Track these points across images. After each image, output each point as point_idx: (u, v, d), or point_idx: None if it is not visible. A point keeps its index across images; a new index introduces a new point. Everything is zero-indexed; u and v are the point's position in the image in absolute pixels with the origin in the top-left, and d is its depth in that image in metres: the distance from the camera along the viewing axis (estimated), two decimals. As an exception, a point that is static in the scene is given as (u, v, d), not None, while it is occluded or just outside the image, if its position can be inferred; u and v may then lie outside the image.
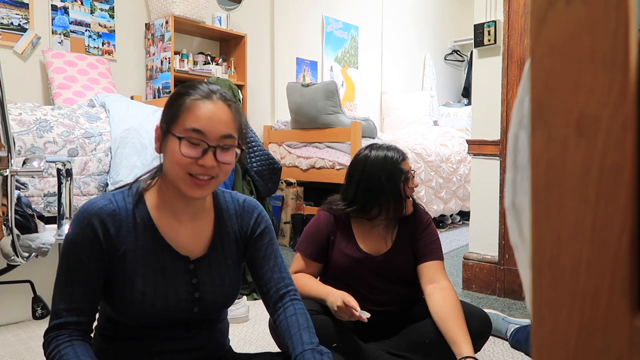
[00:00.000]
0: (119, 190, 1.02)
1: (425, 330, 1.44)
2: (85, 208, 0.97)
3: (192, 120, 0.93)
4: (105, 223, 0.96)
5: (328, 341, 1.34)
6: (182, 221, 1.02)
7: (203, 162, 0.92)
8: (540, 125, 0.31)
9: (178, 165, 0.92)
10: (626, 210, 0.29)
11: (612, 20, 0.29)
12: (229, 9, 4.22)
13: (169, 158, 0.94)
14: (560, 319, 0.31)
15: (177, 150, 0.92)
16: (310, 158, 3.78)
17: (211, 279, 1.04)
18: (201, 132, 0.92)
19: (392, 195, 1.49)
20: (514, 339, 1.83)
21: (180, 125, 0.93)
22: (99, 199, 0.99)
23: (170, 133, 0.93)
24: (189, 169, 0.93)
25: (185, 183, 0.94)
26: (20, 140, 1.95)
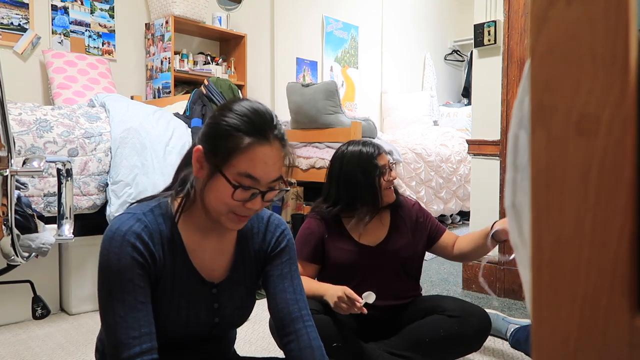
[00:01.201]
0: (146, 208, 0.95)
1: (426, 329, 1.44)
2: (122, 229, 0.89)
3: (248, 166, 0.87)
4: (146, 242, 0.90)
5: (328, 340, 1.34)
6: (209, 241, 0.99)
7: (251, 205, 0.90)
8: (540, 125, 0.31)
9: (224, 205, 0.89)
10: (626, 210, 0.29)
11: (612, 20, 0.29)
12: (229, 9, 4.22)
13: (214, 195, 0.89)
14: (560, 319, 0.31)
15: (228, 194, 0.87)
16: (310, 158, 3.78)
17: (231, 302, 1.02)
18: (256, 180, 0.88)
19: (369, 188, 1.53)
20: (514, 339, 1.83)
21: (234, 167, 0.87)
22: (130, 219, 0.91)
23: (221, 173, 0.87)
24: (235, 209, 0.90)
25: (228, 218, 0.91)
26: (20, 140, 1.95)
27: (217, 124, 0.91)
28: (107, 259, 0.88)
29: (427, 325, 1.45)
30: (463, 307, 1.49)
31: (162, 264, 0.92)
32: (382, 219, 1.60)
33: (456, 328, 1.43)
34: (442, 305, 1.50)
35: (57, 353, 1.77)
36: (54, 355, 1.76)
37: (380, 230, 1.59)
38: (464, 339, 1.44)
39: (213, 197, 0.90)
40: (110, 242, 0.88)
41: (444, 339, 1.42)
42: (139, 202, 0.99)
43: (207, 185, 0.89)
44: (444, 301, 1.53)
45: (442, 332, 1.43)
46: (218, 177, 0.88)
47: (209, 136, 0.91)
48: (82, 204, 2.10)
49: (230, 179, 0.87)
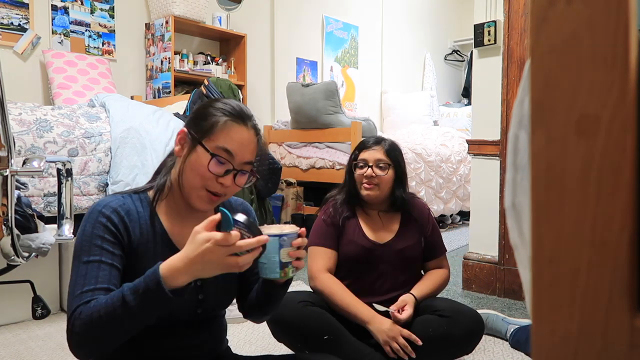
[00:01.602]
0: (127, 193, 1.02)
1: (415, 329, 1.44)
2: (102, 204, 0.96)
3: (226, 140, 0.96)
4: (122, 217, 0.96)
5: (320, 333, 1.34)
6: (187, 224, 1.02)
7: (223, 180, 0.96)
8: (540, 125, 0.31)
9: (199, 177, 0.96)
10: (626, 210, 0.29)
11: (612, 20, 0.29)
12: (229, 9, 4.22)
13: (191, 167, 0.96)
14: (560, 319, 0.31)
15: (204, 164, 0.95)
16: (310, 158, 3.78)
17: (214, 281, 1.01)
18: (230, 154, 0.96)
19: (347, 174, 1.61)
20: (514, 339, 1.83)
21: (213, 141, 0.96)
22: (112, 198, 0.98)
23: (201, 145, 0.96)
24: (208, 184, 0.96)
25: (199, 196, 0.97)
26: (20, 140, 1.95)
27: (202, 108, 1.01)
28: (83, 227, 0.94)
29: (417, 324, 1.44)
30: (455, 307, 1.48)
31: (139, 242, 0.97)
32: (392, 218, 1.62)
33: (445, 328, 1.42)
34: (434, 305, 1.50)
35: (57, 353, 1.77)
36: (54, 355, 1.76)
37: (390, 228, 1.61)
38: (453, 339, 1.43)
39: (189, 170, 0.97)
40: (89, 214, 0.95)
41: (432, 339, 1.41)
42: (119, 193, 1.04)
43: (187, 160, 0.97)
44: (437, 301, 1.53)
45: (431, 331, 1.42)
46: (197, 150, 0.96)
47: (193, 119, 1.01)
48: (82, 204, 2.10)
49: (208, 148, 0.95)
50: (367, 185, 1.55)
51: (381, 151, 1.57)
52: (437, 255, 1.65)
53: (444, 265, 1.66)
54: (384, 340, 1.39)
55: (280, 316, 1.42)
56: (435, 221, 1.71)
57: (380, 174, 1.55)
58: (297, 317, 1.40)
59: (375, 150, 1.57)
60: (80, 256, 0.91)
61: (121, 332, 0.86)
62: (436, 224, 1.69)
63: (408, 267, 1.59)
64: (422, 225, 1.64)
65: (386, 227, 1.61)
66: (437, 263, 1.65)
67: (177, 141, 1.00)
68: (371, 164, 1.55)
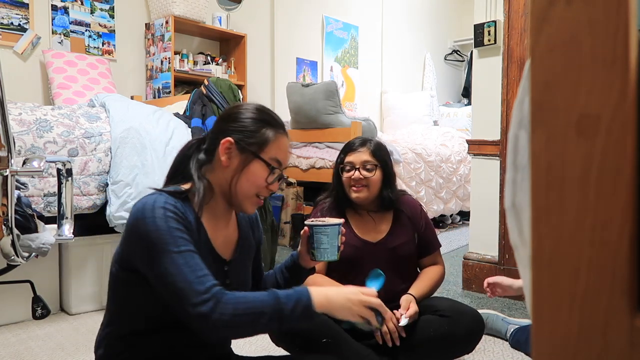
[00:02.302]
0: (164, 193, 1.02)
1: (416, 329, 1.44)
2: (159, 201, 0.96)
3: (277, 152, 1.06)
4: (183, 212, 0.99)
5: (319, 336, 1.34)
6: (220, 227, 1.10)
7: (273, 187, 1.07)
8: (540, 125, 0.31)
9: (254, 187, 1.05)
10: (626, 210, 0.29)
11: (612, 20, 0.29)
12: (229, 9, 4.22)
13: (248, 178, 1.04)
14: (560, 319, 0.31)
15: (263, 177, 1.05)
16: (310, 158, 3.78)
17: (238, 279, 1.13)
18: (280, 163, 1.07)
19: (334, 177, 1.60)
20: (514, 339, 1.83)
21: (266, 153, 1.05)
22: (161, 195, 0.99)
23: (258, 157, 1.04)
24: (261, 191, 1.06)
25: (252, 202, 1.07)
26: (20, 140, 1.95)
27: (243, 119, 1.07)
28: (154, 223, 0.94)
29: (417, 324, 1.44)
30: (455, 307, 1.48)
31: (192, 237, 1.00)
32: (384, 216, 1.62)
33: (446, 328, 1.42)
34: (435, 305, 1.49)
35: (57, 353, 1.77)
36: (54, 355, 1.76)
37: (382, 227, 1.61)
38: (453, 339, 1.43)
39: (245, 181, 1.04)
40: (152, 210, 0.95)
41: (433, 339, 1.41)
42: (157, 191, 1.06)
43: (243, 171, 1.04)
44: (437, 301, 1.53)
45: (431, 331, 1.42)
46: (254, 162, 1.04)
47: (239, 130, 1.06)
48: (82, 204, 2.10)
49: (267, 161, 1.05)
50: (356, 188, 1.55)
51: (367, 152, 1.55)
52: (431, 252, 1.65)
53: (438, 261, 1.66)
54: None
55: None
56: (428, 217, 1.71)
57: (368, 176, 1.54)
58: None
59: (361, 152, 1.55)
60: (168, 249, 0.92)
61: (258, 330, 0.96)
62: (429, 220, 1.69)
63: (403, 265, 1.59)
64: (415, 222, 1.63)
65: (378, 226, 1.61)
66: (431, 259, 1.65)
67: (223, 151, 1.03)
68: (358, 166, 1.54)
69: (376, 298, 1.00)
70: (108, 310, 1.08)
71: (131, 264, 0.98)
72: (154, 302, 0.98)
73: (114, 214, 2.07)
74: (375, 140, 1.61)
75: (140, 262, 0.96)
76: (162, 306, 0.96)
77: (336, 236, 1.16)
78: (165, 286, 0.92)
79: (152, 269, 0.93)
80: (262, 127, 1.06)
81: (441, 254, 1.70)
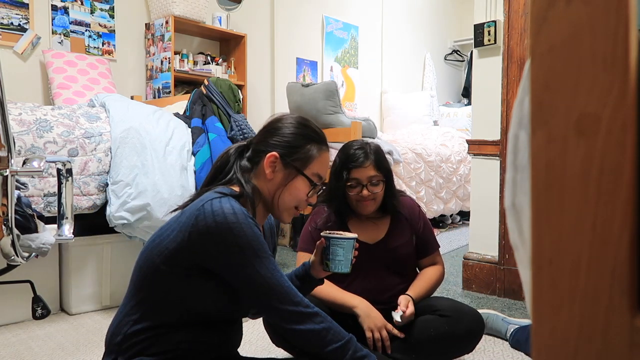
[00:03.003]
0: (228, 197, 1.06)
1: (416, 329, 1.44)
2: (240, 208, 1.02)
3: (320, 168, 1.12)
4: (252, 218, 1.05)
5: None
6: None
7: (312, 200, 1.13)
8: (540, 125, 0.31)
9: (296, 200, 1.11)
10: (626, 210, 0.29)
11: (612, 20, 0.29)
12: (229, 9, 4.22)
13: (291, 193, 1.10)
14: (560, 319, 0.31)
15: (305, 192, 1.11)
16: (310, 158, 3.77)
17: None
18: (321, 178, 1.13)
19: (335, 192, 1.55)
20: (514, 339, 1.83)
21: (310, 169, 1.11)
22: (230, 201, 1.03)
23: (304, 175, 1.10)
24: (300, 204, 1.12)
25: (290, 213, 1.13)
26: (20, 140, 1.95)
27: (287, 134, 1.12)
28: (241, 228, 1.00)
29: (417, 324, 1.44)
30: (455, 307, 1.48)
31: None
32: (382, 217, 1.61)
33: (446, 328, 1.42)
34: (434, 304, 1.49)
35: (57, 353, 1.77)
36: (54, 355, 1.76)
37: (380, 228, 1.59)
38: (454, 339, 1.43)
39: (288, 194, 1.10)
40: (236, 216, 1.00)
41: (433, 339, 1.41)
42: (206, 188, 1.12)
43: (287, 186, 1.10)
44: (437, 301, 1.53)
45: (432, 331, 1.42)
46: (297, 179, 1.10)
47: (283, 146, 1.11)
48: (82, 204, 2.10)
49: (310, 177, 1.10)
50: (365, 203, 1.52)
51: (372, 167, 1.51)
52: (430, 252, 1.64)
53: (437, 261, 1.65)
54: (368, 327, 1.41)
55: None
56: (427, 217, 1.69)
57: (376, 191, 1.52)
58: None
59: (366, 168, 1.51)
60: (260, 253, 1.01)
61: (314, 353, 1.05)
62: (427, 220, 1.68)
63: (402, 265, 1.59)
64: (414, 223, 1.62)
65: (376, 227, 1.60)
66: (430, 260, 1.65)
67: (268, 164, 1.09)
68: (365, 183, 1.51)
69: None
70: (137, 301, 1.07)
71: (194, 261, 1.01)
72: (198, 296, 1.03)
73: (114, 214, 2.07)
74: (374, 147, 1.57)
75: (220, 262, 1.01)
76: (210, 300, 1.03)
77: (351, 249, 1.20)
78: (257, 286, 1.01)
79: (242, 270, 1.00)
80: (307, 144, 1.11)
81: (441, 254, 1.69)
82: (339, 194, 1.55)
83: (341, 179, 1.53)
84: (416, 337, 1.43)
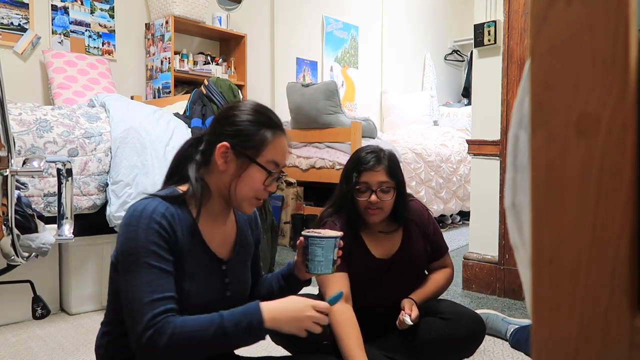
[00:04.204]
0: (158, 198, 1.02)
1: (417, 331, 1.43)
2: (149, 209, 0.97)
3: (275, 154, 1.05)
4: (170, 221, 0.98)
5: (318, 338, 1.34)
6: (218, 226, 1.10)
7: (271, 189, 1.06)
8: (540, 125, 0.31)
9: (252, 190, 1.04)
10: (626, 210, 0.29)
11: (612, 20, 0.29)
12: (229, 9, 4.22)
13: (246, 183, 1.03)
14: (560, 319, 0.31)
15: (261, 181, 1.03)
16: (310, 158, 3.78)
17: (238, 278, 1.13)
18: (278, 165, 1.06)
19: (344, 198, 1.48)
20: (514, 339, 1.83)
21: (263, 156, 1.03)
22: (154, 201, 0.99)
23: (254, 161, 1.03)
24: (259, 194, 1.05)
25: (250, 204, 1.06)
26: (20, 140, 1.95)
27: (239, 122, 1.05)
28: (136, 232, 0.95)
29: (418, 326, 1.43)
30: (456, 309, 1.47)
31: (182, 244, 1.01)
32: (394, 229, 1.53)
33: (447, 330, 1.41)
34: (436, 307, 1.48)
35: (57, 353, 1.77)
36: (54, 355, 1.76)
37: (394, 241, 1.53)
38: (454, 341, 1.41)
39: (244, 185, 1.03)
40: (138, 219, 0.96)
41: (434, 341, 1.40)
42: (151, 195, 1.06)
43: (241, 176, 1.03)
44: (439, 303, 1.51)
45: (432, 333, 1.41)
46: (251, 167, 1.03)
47: (234, 134, 1.04)
48: (82, 204, 2.10)
49: (263, 165, 1.03)
50: (371, 210, 1.45)
51: (383, 173, 1.43)
52: (440, 255, 1.61)
53: (447, 263, 1.62)
54: None
55: None
56: (435, 221, 1.66)
57: (385, 198, 1.44)
58: None
59: (377, 172, 1.43)
60: (138, 262, 0.93)
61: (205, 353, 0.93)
62: (437, 224, 1.64)
63: (418, 274, 1.56)
64: (424, 229, 1.57)
65: (389, 240, 1.53)
66: (440, 263, 1.61)
67: (219, 155, 1.03)
68: (375, 188, 1.43)
69: (324, 315, 0.97)
70: (107, 309, 1.08)
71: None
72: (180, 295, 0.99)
73: (114, 214, 2.07)
74: (388, 153, 1.50)
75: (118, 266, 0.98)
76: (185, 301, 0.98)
77: (332, 249, 1.10)
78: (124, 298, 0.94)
79: (121, 277, 0.95)
80: (259, 130, 1.03)
81: (450, 256, 1.65)
82: (349, 200, 1.46)
83: (350, 181, 1.46)
84: (417, 340, 1.43)
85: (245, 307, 0.95)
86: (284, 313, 0.95)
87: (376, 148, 1.50)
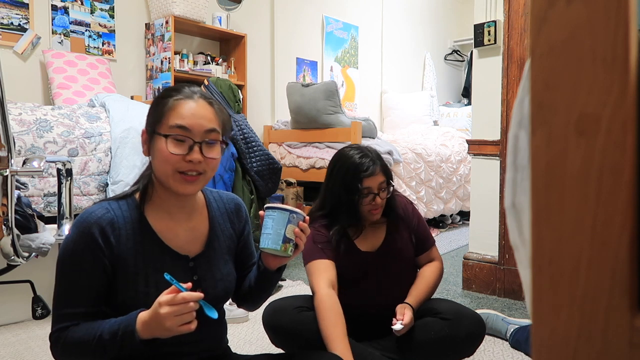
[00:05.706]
0: (114, 199, 1.04)
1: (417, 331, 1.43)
2: (85, 218, 0.98)
3: (177, 117, 0.97)
4: (105, 231, 0.97)
5: (316, 338, 1.33)
6: (178, 222, 1.06)
7: (190, 157, 0.96)
8: (540, 125, 0.31)
9: (167, 164, 0.96)
10: (626, 210, 0.29)
11: (612, 20, 0.29)
12: (229, 9, 4.22)
13: (157, 158, 0.98)
14: (560, 319, 0.31)
15: (165, 149, 0.96)
16: (310, 158, 3.78)
17: (211, 274, 1.08)
18: (186, 129, 0.96)
19: (346, 206, 1.47)
20: (514, 339, 1.83)
21: (165, 124, 0.97)
22: (96, 208, 1.00)
23: (156, 133, 0.97)
24: (178, 166, 0.96)
25: (175, 180, 0.98)
26: (20, 140, 1.95)
27: (153, 104, 1.02)
28: (68, 240, 0.98)
29: (418, 327, 1.43)
30: (456, 310, 1.47)
31: (126, 247, 0.99)
32: (378, 222, 1.56)
33: (447, 330, 1.41)
34: (436, 307, 1.48)
35: (57, 353, 1.77)
36: (54, 355, 1.76)
37: (378, 233, 1.56)
38: (454, 342, 1.41)
39: (157, 162, 0.98)
40: (76, 227, 0.98)
41: (434, 341, 1.40)
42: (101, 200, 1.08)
43: (152, 154, 0.99)
44: (439, 304, 1.51)
45: (432, 334, 1.41)
46: (156, 140, 0.98)
47: (147, 116, 1.02)
48: (82, 204, 2.10)
49: (162, 133, 0.97)
50: (374, 211, 1.48)
51: (380, 173, 1.47)
52: (427, 248, 1.61)
53: (435, 256, 1.62)
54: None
55: (276, 322, 1.41)
56: (420, 213, 1.66)
57: (385, 197, 1.49)
58: (293, 323, 1.38)
59: (377, 176, 1.46)
60: (63, 269, 0.97)
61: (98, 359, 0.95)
62: (421, 216, 1.65)
63: (405, 266, 1.57)
64: (408, 221, 1.59)
65: (375, 232, 1.56)
66: (428, 256, 1.61)
67: (143, 144, 1.02)
68: (377, 191, 1.47)
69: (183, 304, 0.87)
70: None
71: None
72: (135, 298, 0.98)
73: (114, 214, 2.07)
74: (374, 151, 1.52)
75: None
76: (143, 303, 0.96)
77: (283, 224, 1.00)
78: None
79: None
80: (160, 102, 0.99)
81: (437, 248, 1.66)
82: (352, 207, 1.47)
83: (355, 191, 1.45)
84: (417, 340, 1.42)
85: (127, 316, 0.94)
86: (152, 317, 0.90)
87: (363, 149, 1.52)
